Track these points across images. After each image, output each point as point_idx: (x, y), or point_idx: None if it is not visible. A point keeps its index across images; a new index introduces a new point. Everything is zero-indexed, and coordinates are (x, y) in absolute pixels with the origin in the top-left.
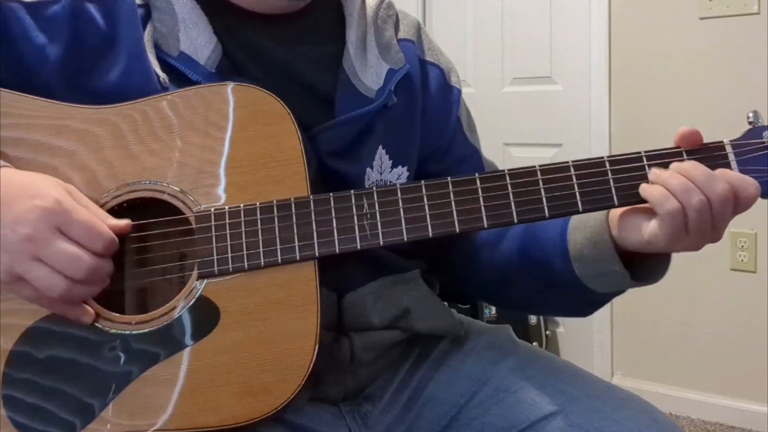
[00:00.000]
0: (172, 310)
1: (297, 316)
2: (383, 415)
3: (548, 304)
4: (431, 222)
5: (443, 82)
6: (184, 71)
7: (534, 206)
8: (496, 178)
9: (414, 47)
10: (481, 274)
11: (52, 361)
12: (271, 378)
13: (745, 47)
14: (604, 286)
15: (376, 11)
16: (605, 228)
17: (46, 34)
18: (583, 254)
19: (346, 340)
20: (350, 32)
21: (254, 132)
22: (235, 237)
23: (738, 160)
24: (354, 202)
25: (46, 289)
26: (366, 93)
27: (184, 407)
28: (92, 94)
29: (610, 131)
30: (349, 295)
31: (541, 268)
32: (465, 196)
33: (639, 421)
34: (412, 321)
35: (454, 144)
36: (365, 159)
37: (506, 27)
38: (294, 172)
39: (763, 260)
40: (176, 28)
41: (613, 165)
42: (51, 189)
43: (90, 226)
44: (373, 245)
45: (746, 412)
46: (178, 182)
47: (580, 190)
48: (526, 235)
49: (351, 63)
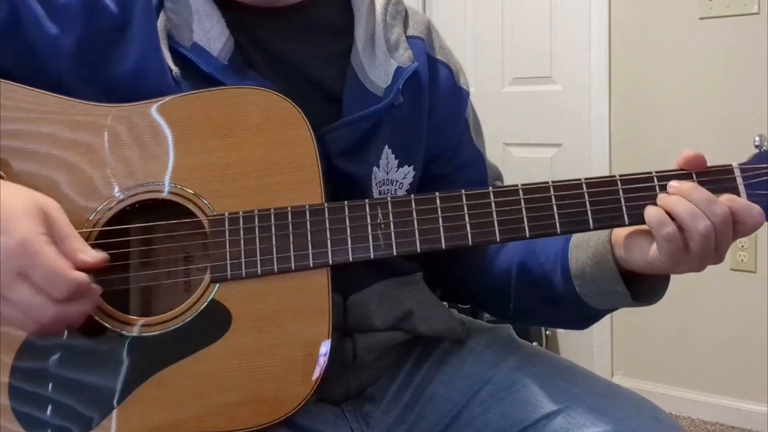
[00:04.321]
0: (183, 313)
1: (309, 322)
2: (385, 415)
3: (546, 317)
4: (444, 234)
5: (452, 82)
6: (196, 62)
7: (546, 222)
8: (510, 192)
9: (423, 44)
10: (482, 281)
11: (59, 363)
12: (282, 384)
13: (745, 47)
14: (603, 304)
15: (385, 7)
16: (608, 249)
17: (58, 23)
18: (585, 273)
19: (349, 341)
20: (358, 28)
21: (269, 137)
22: (249, 242)
23: (746, 184)
24: (368, 212)
25: (18, 326)
26: (374, 91)
27: (194, 411)
28: (106, 85)
29: (610, 131)
30: (353, 296)
31: (540, 283)
32: (479, 210)
33: (641, 419)
34: (414, 323)
35: (461, 146)
36: (372, 158)
37: (506, 27)
38: (308, 178)
39: (763, 260)
40: (190, 19)
41: (624, 184)
42: (23, 223)
43: (53, 273)
44: (387, 255)
45: (746, 412)
46: (192, 184)
47: (591, 207)
48: (527, 249)
49: (359, 60)
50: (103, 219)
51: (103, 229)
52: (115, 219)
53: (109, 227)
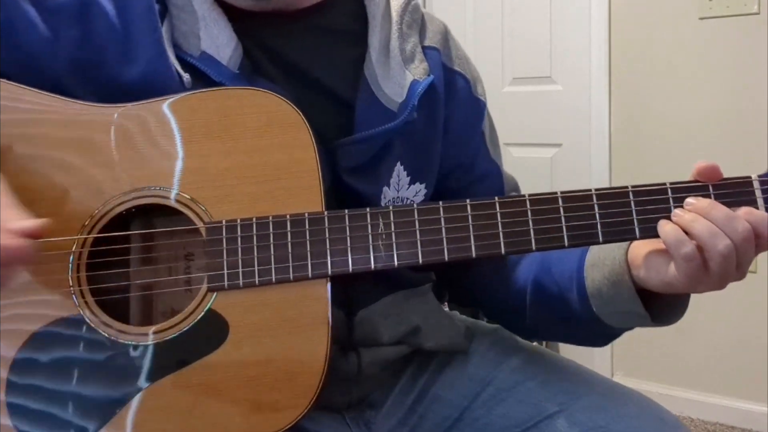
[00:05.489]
0: (180, 322)
1: (307, 335)
2: (386, 420)
3: (563, 335)
4: (448, 246)
5: (469, 93)
6: (206, 72)
7: (553, 234)
8: (517, 203)
9: (439, 55)
10: (495, 298)
11: (57, 369)
12: (279, 396)
13: (745, 47)
14: (621, 323)
15: (401, 15)
16: (624, 269)
17: (52, 26)
18: (602, 292)
19: (354, 355)
20: (373, 37)
21: (269, 141)
22: (246, 251)
23: (765, 197)
24: (369, 221)
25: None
26: (387, 104)
27: (191, 422)
28: (109, 89)
29: (610, 131)
30: (360, 312)
31: (556, 302)
32: (483, 221)
33: (643, 418)
34: (420, 339)
35: (477, 159)
36: (383, 177)
37: (506, 27)
38: (308, 185)
39: (763, 260)
40: (197, 26)
41: (636, 196)
42: None
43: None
44: (388, 266)
45: (746, 412)
46: (189, 189)
47: (601, 220)
48: (542, 268)
49: (373, 70)
50: (101, 223)
51: (98, 236)
52: (112, 223)
53: (105, 234)
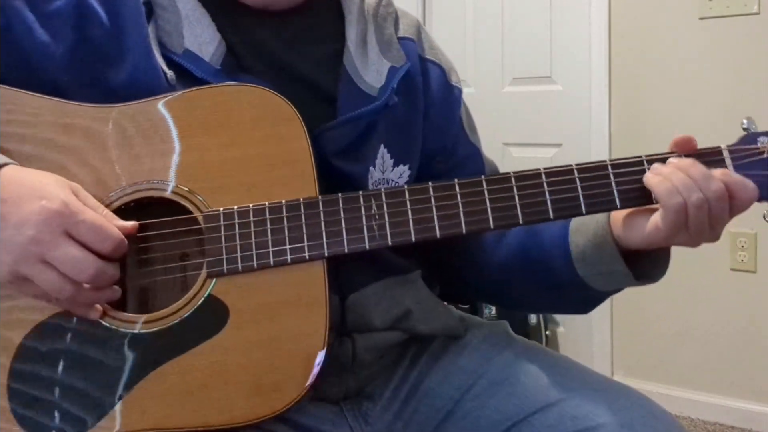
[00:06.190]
0: (180, 309)
1: (306, 315)
2: (384, 413)
3: (549, 303)
4: (439, 223)
5: (444, 81)
6: (189, 68)
7: (539, 208)
8: (502, 180)
9: (414, 46)
10: (481, 274)
11: (60, 357)
12: (280, 377)
13: (745, 47)
14: (605, 285)
15: (375, 9)
16: (607, 230)
17: (50, 30)
18: (586, 255)
19: (348, 341)
20: (350, 30)
21: (263, 133)
22: (244, 237)
23: (735, 165)
24: (362, 203)
25: (52, 292)
26: (368, 91)
27: (194, 405)
28: (103, 91)
29: (610, 131)
30: (351, 296)
31: (542, 269)
32: (472, 198)
33: (635, 411)
34: (413, 322)
35: (457, 144)
36: (368, 158)
37: (506, 27)
38: (302, 172)
39: (763, 260)
40: (180, 25)
41: (615, 168)
42: (58, 190)
43: (98, 227)
44: (382, 245)
45: (746, 412)
46: (186, 182)
47: (583, 192)
48: (527, 236)
49: (352, 61)
50: None
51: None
52: None
53: None
